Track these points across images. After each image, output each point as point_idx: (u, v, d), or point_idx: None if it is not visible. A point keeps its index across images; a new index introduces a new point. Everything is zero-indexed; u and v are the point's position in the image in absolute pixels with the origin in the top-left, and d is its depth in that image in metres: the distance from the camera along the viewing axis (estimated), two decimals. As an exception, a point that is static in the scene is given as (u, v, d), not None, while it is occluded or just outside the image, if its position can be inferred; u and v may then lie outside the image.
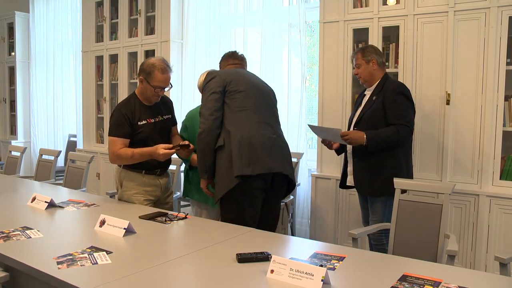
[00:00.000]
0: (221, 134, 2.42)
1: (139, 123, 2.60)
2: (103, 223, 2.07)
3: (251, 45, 4.54)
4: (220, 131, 2.43)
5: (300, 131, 4.16)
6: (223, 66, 2.74)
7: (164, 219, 2.27)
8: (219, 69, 2.77)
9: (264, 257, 1.67)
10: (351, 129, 2.80)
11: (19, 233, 1.98)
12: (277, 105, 2.70)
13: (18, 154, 4.26)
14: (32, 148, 6.62)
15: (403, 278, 1.52)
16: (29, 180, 3.63)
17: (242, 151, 2.35)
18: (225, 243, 1.92)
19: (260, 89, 2.58)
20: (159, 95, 2.63)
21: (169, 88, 2.64)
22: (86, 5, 5.66)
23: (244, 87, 2.48)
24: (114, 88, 5.46)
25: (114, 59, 5.41)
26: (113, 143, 2.56)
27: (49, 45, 6.45)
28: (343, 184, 2.94)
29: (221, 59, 2.77)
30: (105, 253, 1.74)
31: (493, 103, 3.01)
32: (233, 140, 2.37)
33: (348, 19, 3.56)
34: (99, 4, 5.53)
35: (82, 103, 5.81)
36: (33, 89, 6.66)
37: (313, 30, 4.46)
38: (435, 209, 2.33)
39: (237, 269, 1.61)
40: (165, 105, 2.79)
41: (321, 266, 1.52)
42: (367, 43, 3.42)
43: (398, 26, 3.35)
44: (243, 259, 1.67)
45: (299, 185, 4.01)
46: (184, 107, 4.78)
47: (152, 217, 2.30)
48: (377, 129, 2.63)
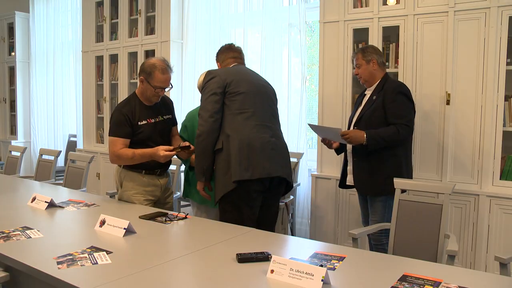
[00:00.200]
0: (219, 137, 2.40)
1: (139, 123, 2.60)
2: (103, 223, 2.08)
3: (251, 45, 4.54)
4: (218, 134, 2.41)
5: (300, 131, 4.16)
6: (223, 59, 2.69)
7: (164, 219, 2.27)
8: (218, 61, 2.73)
9: (264, 257, 1.67)
10: (351, 128, 2.80)
11: (19, 233, 1.98)
12: (277, 105, 2.69)
13: (18, 154, 4.26)
14: (32, 148, 6.63)
15: (403, 278, 1.52)
16: (29, 180, 3.62)
17: (241, 155, 2.34)
18: (225, 243, 1.91)
19: (260, 89, 2.57)
20: (160, 95, 2.63)
21: (169, 88, 2.64)
22: (86, 5, 5.66)
23: (244, 89, 2.46)
24: (114, 88, 5.46)
25: (114, 59, 5.41)
26: (113, 143, 2.56)
27: (49, 45, 6.46)
28: (343, 183, 2.94)
29: (219, 51, 2.73)
30: (105, 253, 1.74)
31: (493, 103, 3.01)
32: (232, 144, 2.36)
33: (348, 19, 3.56)
34: (99, 4, 5.53)
35: (82, 103, 5.81)
36: (33, 89, 6.66)
37: (313, 30, 4.45)
38: (435, 209, 2.33)
39: (237, 269, 1.61)
40: (165, 105, 2.79)
41: (321, 266, 1.52)
42: (367, 43, 3.42)
43: (398, 26, 3.35)
44: (243, 259, 1.67)
45: (299, 185, 4.01)
46: (184, 107, 4.78)
47: (152, 217, 2.30)
48: (377, 128, 2.63)
